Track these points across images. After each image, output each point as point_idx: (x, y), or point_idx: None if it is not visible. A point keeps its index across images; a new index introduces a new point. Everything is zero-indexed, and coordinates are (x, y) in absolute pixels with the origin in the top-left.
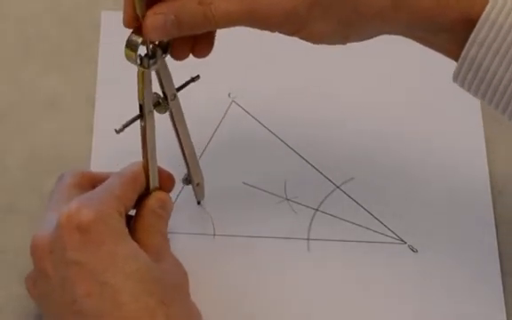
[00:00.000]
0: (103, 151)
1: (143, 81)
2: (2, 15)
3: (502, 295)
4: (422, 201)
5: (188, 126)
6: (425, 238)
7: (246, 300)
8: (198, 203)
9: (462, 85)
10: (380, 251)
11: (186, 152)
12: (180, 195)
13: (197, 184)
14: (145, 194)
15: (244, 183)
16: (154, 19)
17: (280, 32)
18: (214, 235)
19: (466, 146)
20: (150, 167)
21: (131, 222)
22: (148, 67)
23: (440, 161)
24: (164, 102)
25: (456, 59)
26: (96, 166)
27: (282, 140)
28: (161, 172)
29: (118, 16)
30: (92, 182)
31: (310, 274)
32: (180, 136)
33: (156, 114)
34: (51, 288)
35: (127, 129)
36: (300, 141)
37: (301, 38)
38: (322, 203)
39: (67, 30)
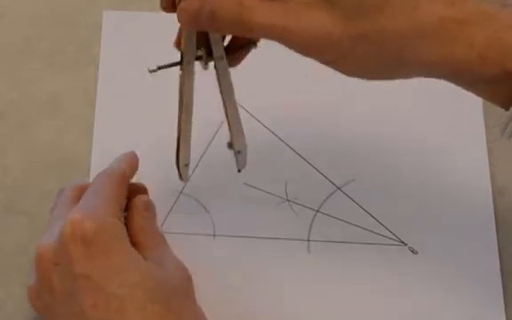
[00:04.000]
0: (103, 151)
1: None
2: (2, 15)
3: (502, 295)
4: (423, 202)
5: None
6: (425, 240)
7: (246, 300)
8: (239, 171)
9: (509, 138)
10: (381, 252)
11: (229, 117)
12: (181, 195)
13: (238, 151)
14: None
15: (245, 184)
16: (190, 3)
17: (314, 58)
18: (214, 235)
19: (467, 147)
20: (183, 124)
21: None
22: None
23: (441, 162)
24: (207, 59)
25: (495, 103)
26: (96, 166)
27: (283, 141)
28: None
29: (120, 16)
30: None
31: (310, 275)
32: (225, 99)
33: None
34: (56, 301)
35: (127, 129)
36: (301, 142)
37: (335, 69)
38: (323, 204)
39: (67, 30)
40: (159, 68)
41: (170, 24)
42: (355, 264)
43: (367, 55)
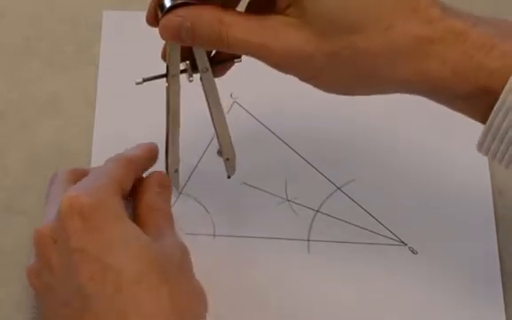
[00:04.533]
0: (103, 151)
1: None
2: (2, 15)
3: (502, 295)
4: (422, 202)
5: (190, 126)
6: (425, 240)
7: (246, 300)
8: (228, 177)
9: (487, 154)
10: (381, 252)
11: (217, 127)
12: (181, 195)
13: (227, 159)
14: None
15: (245, 183)
16: (171, 19)
17: (292, 75)
18: (214, 235)
19: (467, 146)
20: (170, 132)
21: (130, 202)
22: None
23: (441, 162)
24: (192, 71)
25: (474, 119)
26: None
27: (283, 141)
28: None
29: (120, 16)
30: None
31: (310, 275)
32: (212, 110)
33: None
34: (55, 278)
35: (127, 129)
36: (301, 142)
37: (313, 85)
38: (322, 204)
39: (67, 30)
40: (145, 80)
41: None
42: (355, 264)
43: (341, 72)
